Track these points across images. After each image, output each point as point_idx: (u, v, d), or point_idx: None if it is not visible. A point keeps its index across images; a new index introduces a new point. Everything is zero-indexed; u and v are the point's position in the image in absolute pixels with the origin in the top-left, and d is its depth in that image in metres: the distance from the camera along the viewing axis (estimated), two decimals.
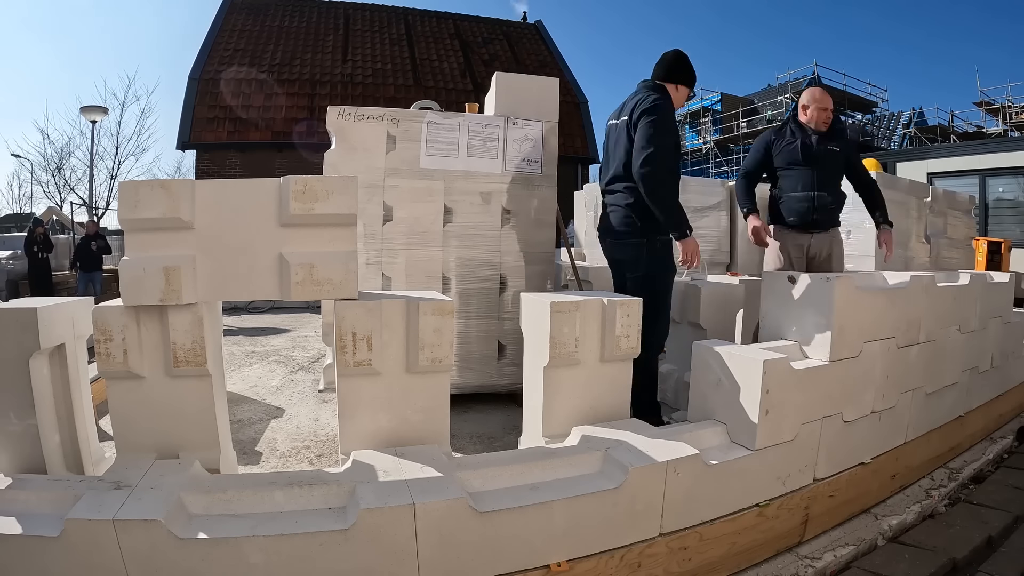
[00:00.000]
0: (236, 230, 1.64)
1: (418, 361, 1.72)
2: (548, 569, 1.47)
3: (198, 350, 1.63)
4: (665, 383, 3.23)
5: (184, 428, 1.68)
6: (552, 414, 1.94)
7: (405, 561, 1.35)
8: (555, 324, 1.88)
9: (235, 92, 13.35)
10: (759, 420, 1.78)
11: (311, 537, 1.31)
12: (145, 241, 1.60)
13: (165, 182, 1.58)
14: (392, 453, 1.63)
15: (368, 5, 17.50)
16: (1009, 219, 9.91)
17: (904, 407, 2.34)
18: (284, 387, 3.57)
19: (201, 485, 1.43)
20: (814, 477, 1.98)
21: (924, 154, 11.70)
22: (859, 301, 2.06)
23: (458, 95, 13.39)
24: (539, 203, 3.21)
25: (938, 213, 5.84)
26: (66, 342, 1.87)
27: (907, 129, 20.74)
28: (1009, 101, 16.85)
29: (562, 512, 1.49)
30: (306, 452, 2.51)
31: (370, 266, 3.00)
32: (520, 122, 3.14)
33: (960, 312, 2.64)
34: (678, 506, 1.65)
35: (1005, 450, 2.89)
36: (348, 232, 1.71)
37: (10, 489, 1.40)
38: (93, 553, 1.26)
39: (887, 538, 2.01)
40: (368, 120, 3.01)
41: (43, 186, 23.90)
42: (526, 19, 19.38)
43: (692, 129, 23.82)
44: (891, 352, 2.22)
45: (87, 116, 13.38)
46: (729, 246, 5.59)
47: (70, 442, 1.89)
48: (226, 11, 15.75)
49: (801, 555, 1.85)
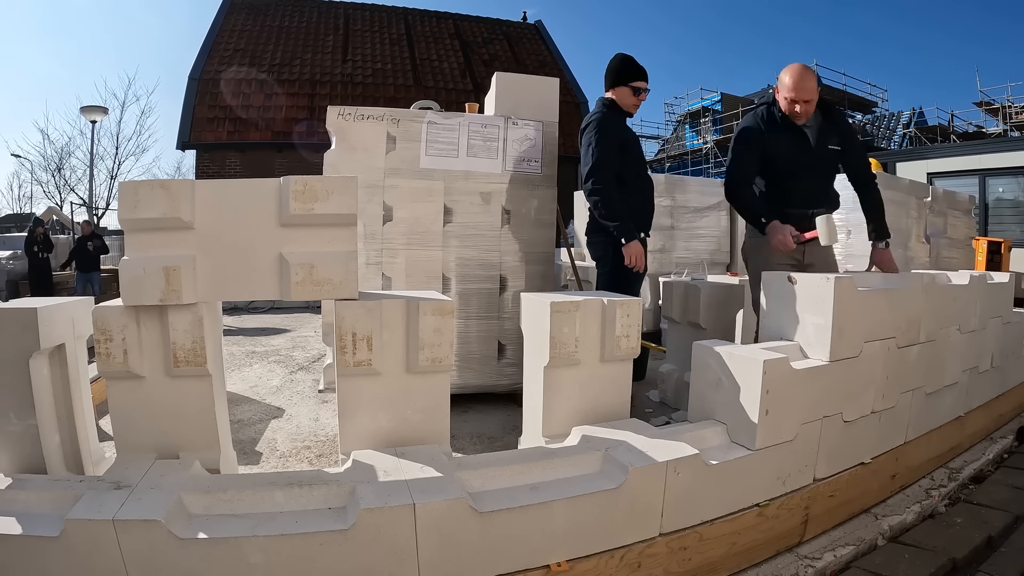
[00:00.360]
0: (236, 230, 1.64)
1: (418, 361, 1.72)
2: (548, 569, 1.47)
3: (198, 350, 1.63)
4: (665, 383, 3.23)
5: (184, 428, 1.68)
6: (552, 414, 1.94)
7: (405, 561, 1.35)
8: (555, 324, 1.88)
9: (235, 92, 13.36)
10: (759, 420, 1.78)
11: (311, 537, 1.31)
12: (145, 241, 1.60)
13: (165, 182, 1.58)
14: (392, 453, 1.63)
15: (368, 5, 17.50)
16: (1009, 219, 9.92)
17: (904, 407, 2.34)
18: (284, 387, 3.57)
19: (201, 485, 1.43)
20: (814, 477, 1.98)
21: (924, 154, 11.71)
22: (859, 301, 2.05)
23: (458, 95, 13.39)
24: (539, 203, 3.21)
25: (938, 213, 5.84)
26: (66, 342, 1.87)
27: (907, 129, 20.73)
28: (1009, 101, 16.84)
29: (562, 512, 1.49)
30: (306, 452, 2.51)
31: (370, 266, 3.00)
32: (520, 122, 3.14)
33: (960, 312, 2.64)
34: (678, 506, 1.65)
35: (1005, 450, 2.89)
36: (348, 232, 1.71)
37: (10, 489, 1.40)
38: (93, 553, 1.26)
39: (887, 538, 2.01)
40: (368, 120, 3.01)
41: (43, 186, 23.93)
42: (526, 19, 19.36)
43: (692, 129, 23.82)
44: (891, 352, 2.22)
45: (87, 116, 13.39)
46: (729, 246, 5.60)
47: (70, 442, 1.89)
48: (226, 11, 15.75)
49: (801, 555, 1.85)
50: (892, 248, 2.59)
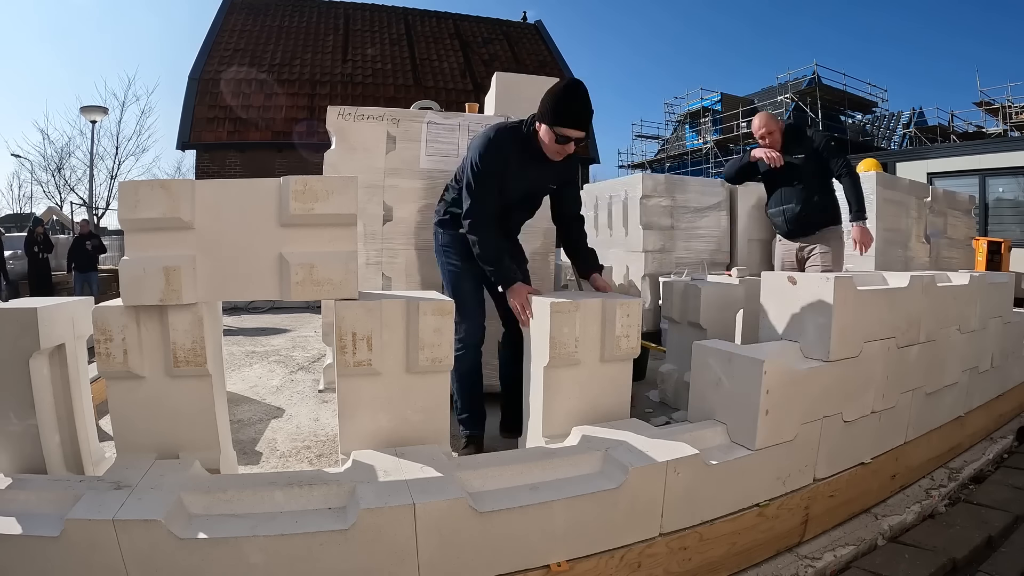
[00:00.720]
0: (236, 230, 1.64)
1: (418, 361, 1.72)
2: (548, 569, 1.47)
3: (198, 350, 1.63)
4: (665, 383, 3.23)
5: (184, 428, 1.68)
6: (552, 414, 1.94)
7: (405, 561, 1.35)
8: (555, 324, 1.88)
9: (235, 92, 13.37)
10: (759, 420, 1.78)
11: (311, 537, 1.31)
12: (145, 241, 1.60)
13: (165, 182, 1.58)
14: (392, 453, 1.63)
15: (368, 5, 17.51)
16: (1009, 219, 9.93)
17: (904, 407, 2.34)
18: (284, 387, 3.57)
19: (201, 485, 1.43)
20: (814, 477, 1.98)
21: (924, 154, 11.72)
22: (859, 301, 2.06)
23: (458, 95, 13.40)
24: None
25: (938, 213, 5.84)
26: (66, 342, 1.87)
27: (907, 129, 20.75)
28: (1009, 101, 16.85)
29: (562, 512, 1.49)
30: (306, 452, 2.51)
31: (370, 266, 3.00)
32: None
33: (960, 312, 2.64)
34: (678, 506, 1.65)
35: (1005, 450, 2.88)
36: (348, 232, 1.71)
37: (10, 489, 1.40)
38: (93, 553, 1.26)
39: (887, 538, 2.01)
40: (368, 120, 3.01)
41: (43, 186, 23.96)
42: (526, 19, 19.36)
43: (692, 129, 23.84)
44: (891, 352, 2.22)
45: (87, 116, 13.41)
46: (729, 246, 5.59)
47: (70, 442, 1.89)
48: (226, 11, 15.76)
49: (801, 555, 1.85)
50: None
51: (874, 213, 4.75)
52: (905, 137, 20.30)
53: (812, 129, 3.66)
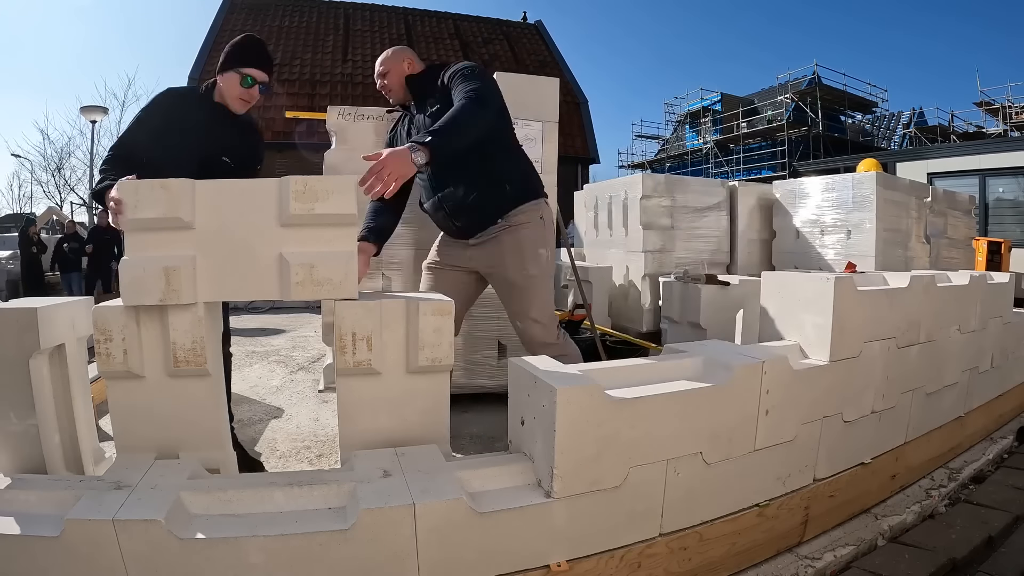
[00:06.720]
0: (236, 230, 1.64)
1: (418, 361, 1.72)
2: (548, 569, 1.47)
3: (198, 350, 1.63)
4: None
5: (184, 428, 1.68)
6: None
7: (405, 561, 1.35)
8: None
9: None
10: (759, 420, 1.78)
11: (311, 537, 1.31)
12: (145, 241, 1.60)
13: (165, 182, 1.58)
14: (392, 453, 1.63)
15: (368, 5, 17.50)
16: (1009, 219, 9.94)
17: (904, 407, 2.34)
18: (284, 387, 3.57)
19: (201, 485, 1.43)
20: (814, 477, 1.98)
21: (924, 154, 11.73)
22: (859, 301, 2.06)
23: None
24: None
25: (938, 213, 5.83)
26: (66, 342, 1.87)
27: (907, 129, 20.76)
28: (1009, 101, 16.86)
29: (562, 512, 1.49)
30: (306, 452, 2.52)
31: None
32: (520, 122, 3.13)
33: (960, 312, 2.64)
34: (678, 506, 1.65)
35: (1005, 450, 2.89)
36: (348, 232, 1.70)
37: (10, 489, 1.40)
38: (93, 553, 1.26)
39: (887, 538, 2.01)
40: (368, 120, 3.01)
41: (43, 186, 23.98)
42: (526, 19, 19.35)
43: (692, 129, 23.85)
44: (891, 352, 2.22)
45: (87, 116, 13.42)
46: (729, 246, 5.60)
47: (70, 442, 1.89)
48: (226, 11, 15.75)
49: (801, 555, 1.85)
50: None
51: (874, 213, 4.76)
52: (905, 137, 20.32)
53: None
